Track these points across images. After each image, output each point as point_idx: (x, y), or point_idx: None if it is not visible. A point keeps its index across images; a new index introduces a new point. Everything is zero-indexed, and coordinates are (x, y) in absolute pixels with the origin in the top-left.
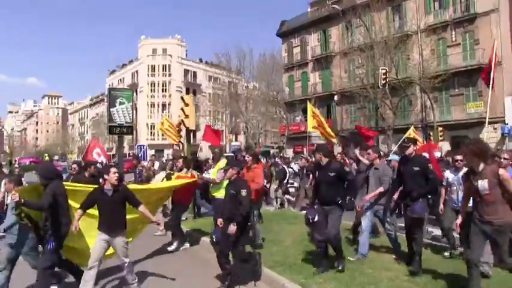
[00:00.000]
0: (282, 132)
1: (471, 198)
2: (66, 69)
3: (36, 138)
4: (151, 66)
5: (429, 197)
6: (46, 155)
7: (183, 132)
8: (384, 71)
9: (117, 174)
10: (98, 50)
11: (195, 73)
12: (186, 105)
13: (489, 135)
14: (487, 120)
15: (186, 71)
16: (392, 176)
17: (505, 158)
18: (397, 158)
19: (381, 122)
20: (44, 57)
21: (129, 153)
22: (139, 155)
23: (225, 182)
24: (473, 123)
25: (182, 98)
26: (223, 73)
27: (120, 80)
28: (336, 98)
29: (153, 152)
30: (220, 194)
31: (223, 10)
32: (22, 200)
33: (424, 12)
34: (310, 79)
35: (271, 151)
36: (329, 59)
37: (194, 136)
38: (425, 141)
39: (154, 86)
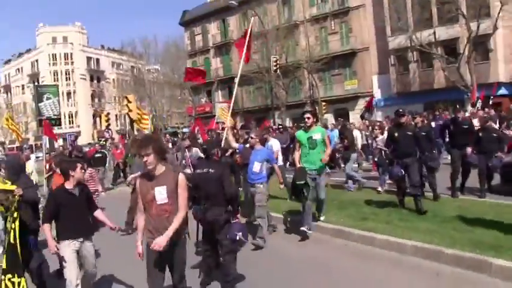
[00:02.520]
0: (189, 113)
1: None
2: None
3: None
4: (53, 55)
5: None
6: None
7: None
8: (275, 59)
9: (84, 170)
10: None
11: (98, 60)
12: (129, 102)
13: (361, 107)
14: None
15: (89, 58)
16: None
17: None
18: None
19: (275, 100)
20: None
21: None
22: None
23: None
24: (350, 97)
25: (126, 97)
26: (126, 58)
27: (18, 69)
28: (235, 80)
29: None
30: None
31: None
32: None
33: (309, 4)
34: (212, 64)
35: (178, 131)
36: (228, 46)
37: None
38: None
39: (57, 75)
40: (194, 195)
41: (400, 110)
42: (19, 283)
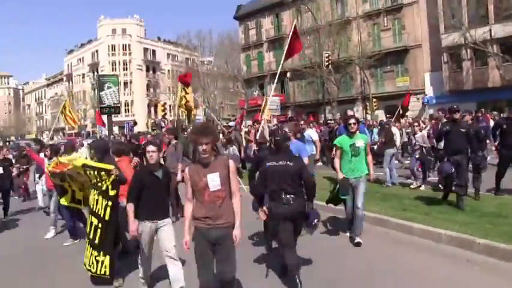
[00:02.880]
0: (241, 105)
1: None
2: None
3: None
4: (112, 45)
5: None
6: None
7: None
8: (327, 55)
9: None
10: (49, 31)
11: (154, 51)
12: (187, 93)
13: (413, 104)
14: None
15: (146, 50)
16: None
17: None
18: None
19: (327, 94)
20: None
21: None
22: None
23: None
24: (402, 94)
25: (185, 89)
26: (182, 50)
27: (80, 59)
28: (288, 75)
29: (116, 129)
30: None
31: None
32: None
33: (362, 1)
34: (265, 58)
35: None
36: (281, 41)
37: (156, 111)
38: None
39: (115, 65)
40: (261, 190)
41: (454, 106)
42: (102, 262)
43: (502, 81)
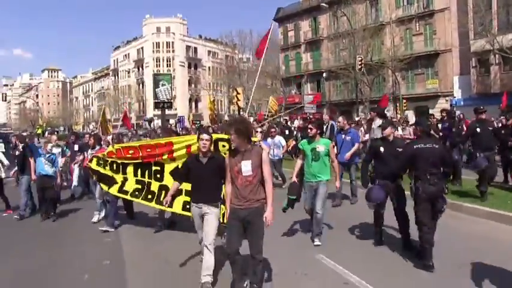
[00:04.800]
0: (279, 103)
1: None
2: (61, 43)
3: (37, 111)
4: (156, 43)
5: None
6: (38, 126)
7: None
8: (360, 59)
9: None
10: (95, 28)
11: (195, 49)
12: (238, 93)
13: (441, 106)
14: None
15: (188, 47)
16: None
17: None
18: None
19: (360, 94)
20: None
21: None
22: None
23: None
24: (431, 96)
25: (236, 89)
26: (223, 48)
27: (126, 55)
28: (324, 75)
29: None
30: None
31: None
32: None
33: (395, 6)
34: (303, 59)
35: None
36: (318, 43)
37: (196, 106)
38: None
39: (159, 62)
40: (402, 171)
41: (481, 107)
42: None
43: None
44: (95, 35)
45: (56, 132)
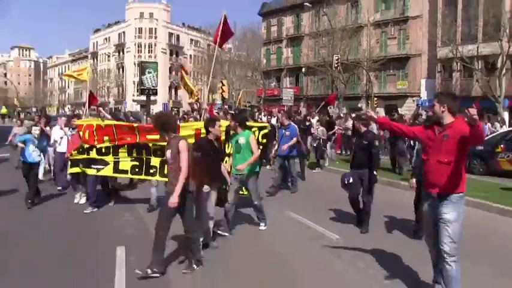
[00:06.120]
0: (259, 94)
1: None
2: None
3: (6, 90)
4: (139, 28)
5: None
6: (3, 106)
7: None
8: (337, 57)
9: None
10: (75, 9)
11: (178, 36)
12: (223, 85)
13: (409, 105)
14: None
15: (170, 34)
16: None
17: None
18: None
19: (335, 91)
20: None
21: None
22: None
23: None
24: (400, 95)
25: (222, 81)
26: (205, 37)
27: (106, 39)
28: (303, 70)
29: (138, 107)
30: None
31: None
32: None
33: (374, 10)
34: (284, 53)
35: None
36: (300, 39)
37: (176, 93)
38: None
39: (141, 47)
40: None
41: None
42: None
43: (483, 92)
44: (75, 16)
45: (27, 114)
